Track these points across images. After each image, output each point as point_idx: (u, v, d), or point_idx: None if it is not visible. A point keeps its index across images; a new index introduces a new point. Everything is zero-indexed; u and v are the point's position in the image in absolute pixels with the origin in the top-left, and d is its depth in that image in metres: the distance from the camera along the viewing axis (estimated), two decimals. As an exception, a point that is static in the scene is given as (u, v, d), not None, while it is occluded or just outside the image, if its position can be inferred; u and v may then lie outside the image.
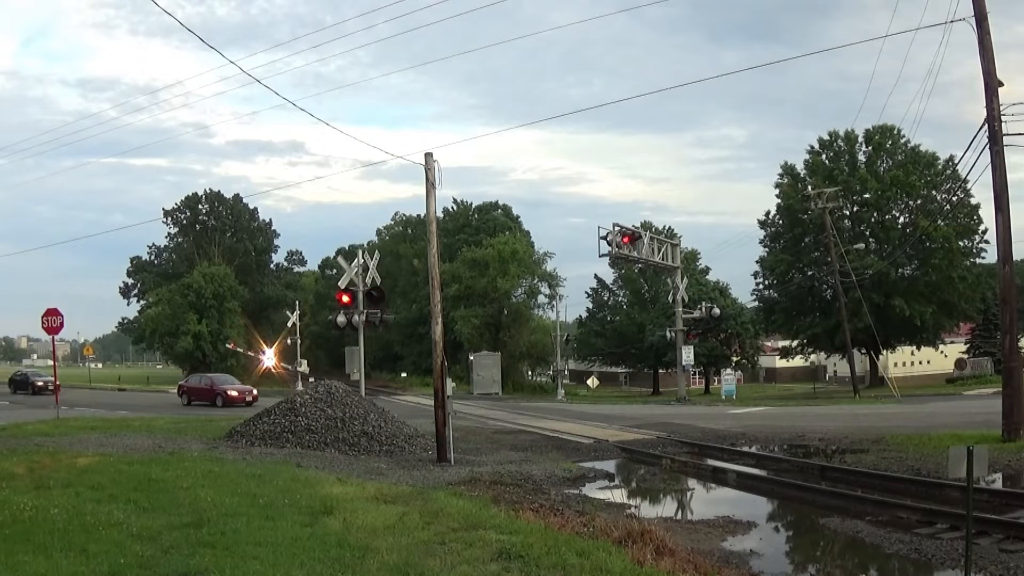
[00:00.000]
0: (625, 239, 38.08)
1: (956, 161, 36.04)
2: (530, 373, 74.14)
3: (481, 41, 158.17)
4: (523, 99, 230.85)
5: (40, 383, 44.62)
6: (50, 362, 45.69)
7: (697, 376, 67.12)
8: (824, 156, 52.68)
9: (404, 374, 74.17)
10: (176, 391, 40.06)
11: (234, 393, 34.51)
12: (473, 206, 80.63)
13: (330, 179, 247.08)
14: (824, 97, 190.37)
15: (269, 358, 54.59)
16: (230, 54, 39.77)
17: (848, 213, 51.74)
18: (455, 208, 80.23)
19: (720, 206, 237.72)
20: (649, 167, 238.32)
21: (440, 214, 60.96)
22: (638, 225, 45.56)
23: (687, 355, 43.39)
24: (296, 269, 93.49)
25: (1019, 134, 16.11)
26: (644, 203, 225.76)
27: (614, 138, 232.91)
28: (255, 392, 35.41)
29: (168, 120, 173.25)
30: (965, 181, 23.88)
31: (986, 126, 16.14)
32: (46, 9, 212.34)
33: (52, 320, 24.77)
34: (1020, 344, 17.21)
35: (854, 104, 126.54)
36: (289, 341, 51.21)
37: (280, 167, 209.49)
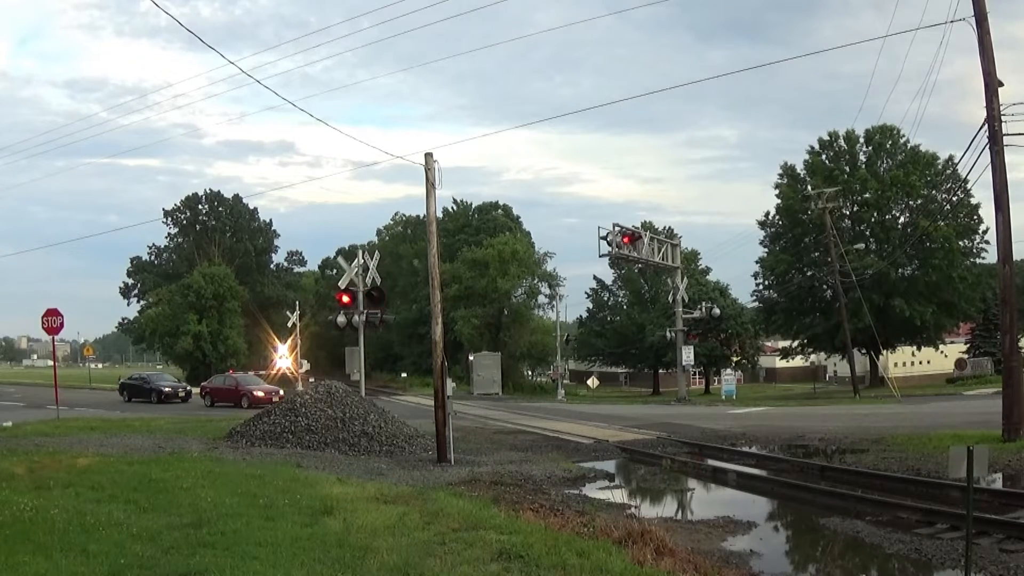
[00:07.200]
0: (625, 239, 38.14)
1: (956, 161, 36.02)
2: (530, 373, 74.08)
3: (468, 40, 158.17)
4: (513, 99, 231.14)
5: (168, 388, 38.27)
6: (50, 362, 44.31)
7: (697, 376, 67.13)
8: (824, 156, 52.63)
9: (404, 374, 74.11)
10: (199, 392, 38.70)
11: (260, 394, 33.97)
12: (473, 206, 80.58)
13: (323, 179, 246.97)
14: (814, 97, 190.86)
15: (283, 357, 50.67)
16: (216, 55, 39.35)
17: (848, 213, 51.71)
18: (455, 208, 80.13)
19: (715, 206, 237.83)
20: (642, 167, 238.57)
21: (440, 214, 60.91)
22: (637, 225, 45.57)
23: (687, 355, 43.42)
24: (296, 269, 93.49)
25: (1019, 134, 16.10)
26: (639, 203, 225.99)
27: (607, 138, 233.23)
28: (281, 392, 34.07)
29: (159, 120, 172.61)
30: (965, 181, 23.89)
31: (986, 126, 16.14)
32: (32, 11, 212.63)
33: (52, 320, 24.78)
34: (1020, 344, 17.20)
35: (844, 103, 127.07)
36: (289, 341, 50.86)
37: (271, 167, 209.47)
